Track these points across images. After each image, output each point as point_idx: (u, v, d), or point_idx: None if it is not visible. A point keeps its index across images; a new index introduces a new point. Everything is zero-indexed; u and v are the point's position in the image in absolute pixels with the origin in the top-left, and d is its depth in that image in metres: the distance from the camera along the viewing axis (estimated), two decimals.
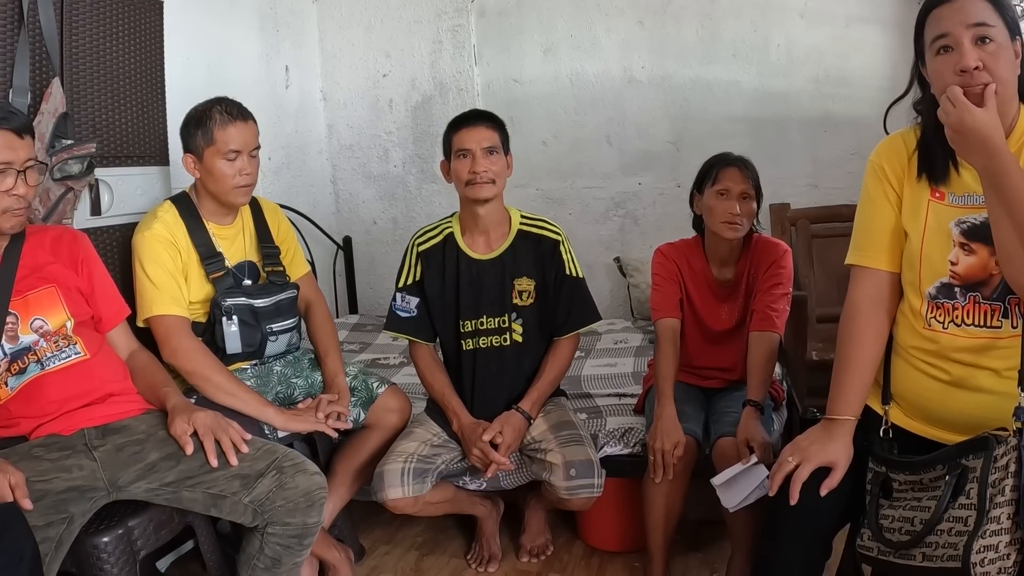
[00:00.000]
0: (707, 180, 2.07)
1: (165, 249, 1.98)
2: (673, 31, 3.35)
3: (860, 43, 3.09)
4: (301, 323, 2.26)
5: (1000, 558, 1.20)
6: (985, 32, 1.28)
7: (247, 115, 2.04)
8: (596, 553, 2.33)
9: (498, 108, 2.97)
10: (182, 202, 2.09)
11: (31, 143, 1.60)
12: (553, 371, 2.15)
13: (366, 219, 3.90)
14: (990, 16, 1.29)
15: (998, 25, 1.29)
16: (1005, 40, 1.30)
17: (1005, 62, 1.29)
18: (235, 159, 2.00)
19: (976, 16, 1.29)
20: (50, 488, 1.49)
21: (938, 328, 1.42)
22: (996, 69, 1.28)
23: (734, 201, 2.00)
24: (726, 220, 2.02)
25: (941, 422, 1.44)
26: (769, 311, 2.03)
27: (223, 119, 1.99)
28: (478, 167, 2.02)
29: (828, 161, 3.19)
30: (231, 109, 2.01)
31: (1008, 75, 1.30)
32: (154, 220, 2.02)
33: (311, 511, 1.65)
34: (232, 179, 2.01)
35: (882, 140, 1.53)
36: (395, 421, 2.18)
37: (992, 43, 1.28)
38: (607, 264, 3.55)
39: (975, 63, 1.27)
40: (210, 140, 1.99)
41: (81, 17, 2.06)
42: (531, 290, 2.13)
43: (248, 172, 2.03)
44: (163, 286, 1.96)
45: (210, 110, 2.00)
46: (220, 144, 1.98)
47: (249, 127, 2.03)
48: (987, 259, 1.36)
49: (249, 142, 2.03)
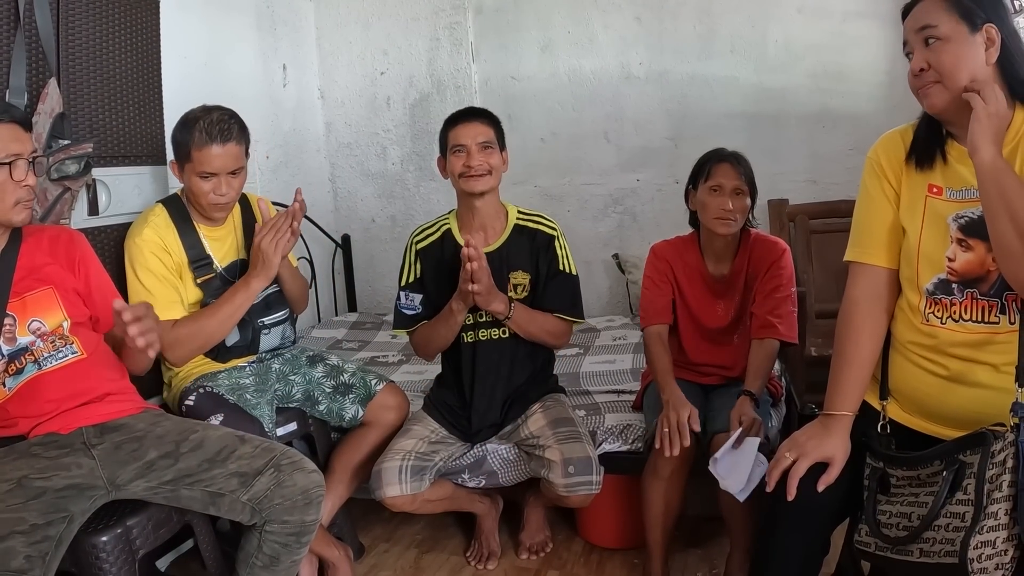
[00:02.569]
0: (700, 176, 2.08)
1: (155, 254, 2.00)
2: (671, 27, 3.35)
3: (857, 38, 3.09)
4: (294, 317, 2.28)
5: (997, 554, 1.20)
6: (928, 34, 1.37)
7: (228, 136, 1.98)
8: (595, 550, 2.34)
9: (496, 105, 2.97)
10: (173, 205, 2.10)
11: (32, 139, 1.62)
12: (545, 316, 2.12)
13: (364, 217, 3.90)
14: (935, 16, 1.36)
15: (944, 23, 1.35)
16: (957, 34, 1.35)
17: (952, 55, 1.34)
18: (210, 179, 1.99)
19: (921, 20, 1.38)
20: (49, 486, 1.49)
21: (936, 323, 1.42)
22: (939, 64, 1.35)
23: (727, 197, 2.01)
24: (719, 216, 2.02)
25: (939, 417, 1.44)
26: (771, 318, 2.03)
27: (201, 140, 1.96)
28: (473, 161, 2.04)
29: (826, 156, 3.19)
30: (212, 129, 1.96)
31: (954, 67, 1.34)
32: (144, 225, 2.03)
33: (309, 509, 1.66)
34: (206, 197, 2.01)
35: (880, 136, 1.54)
36: (393, 418, 2.18)
37: (936, 41, 1.35)
38: (605, 261, 3.55)
39: (920, 66, 1.37)
40: (188, 157, 1.99)
41: (77, 17, 2.06)
42: (526, 284, 2.14)
43: (223, 193, 2.01)
44: (157, 292, 1.98)
45: (193, 127, 1.97)
46: (196, 164, 1.98)
47: (227, 150, 1.98)
48: (984, 255, 1.37)
49: (227, 164, 1.99)
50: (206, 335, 2.01)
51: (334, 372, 2.21)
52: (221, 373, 2.09)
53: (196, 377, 2.07)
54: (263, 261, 1.98)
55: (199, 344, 2.02)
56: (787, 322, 2.04)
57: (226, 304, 2.00)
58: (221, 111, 2.02)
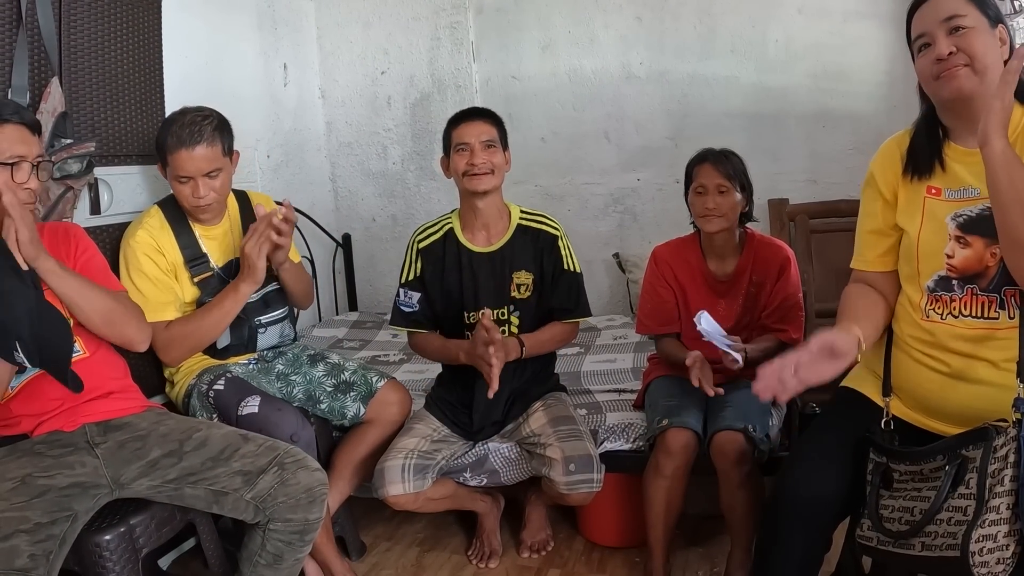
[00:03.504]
0: (688, 180, 2.14)
1: (148, 256, 2.01)
2: (671, 27, 3.35)
3: (858, 38, 3.09)
4: (292, 315, 2.29)
5: (999, 548, 1.21)
6: (957, 23, 1.37)
7: (198, 139, 1.96)
8: (597, 548, 2.34)
9: (496, 105, 2.97)
10: (169, 205, 2.11)
11: (40, 142, 1.61)
12: (551, 330, 2.16)
13: (365, 216, 3.90)
14: (961, 7, 1.37)
15: (970, 14, 1.36)
16: (981, 25, 1.37)
17: (981, 42, 1.36)
18: (187, 183, 2.00)
19: (947, 11, 1.37)
20: (53, 484, 1.50)
21: (936, 319, 1.44)
22: (970, 48, 1.35)
23: (709, 196, 2.06)
24: (702, 214, 2.08)
25: (941, 414, 1.45)
26: (782, 325, 2.07)
27: (173, 143, 1.96)
28: (476, 159, 2.05)
29: (826, 156, 3.19)
30: (181, 133, 1.95)
31: (983, 52, 1.36)
32: (139, 227, 2.04)
33: (312, 507, 1.66)
34: (187, 200, 2.02)
35: (880, 147, 1.58)
36: (395, 414, 2.19)
37: (965, 30, 1.36)
38: (606, 260, 3.55)
39: (948, 50, 1.36)
40: (165, 161, 2.00)
41: (79, 16, 2.06)
42: (529, 283, 2.14)
43: (200, 195, 2.00)
44: (149, 294, 1.99)
45: (167, 130, 1.98)
46: (171, 168, 1.99)
47: (198, 153, 1.96)
48: (982, 251, 1.38)
49: (201, 167, 1.97)
50: (197, 338, 2.02)
51: (335, 371, 2.21)
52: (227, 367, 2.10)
53: (199, 372, 2.07)
54: (248, 266, 1.98)
55: (192, 345, 2.04)
56: (795, 325, 2.08)
57: (216, 308, 2.01)
58: (196, 112, 2.01)
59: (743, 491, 1.90)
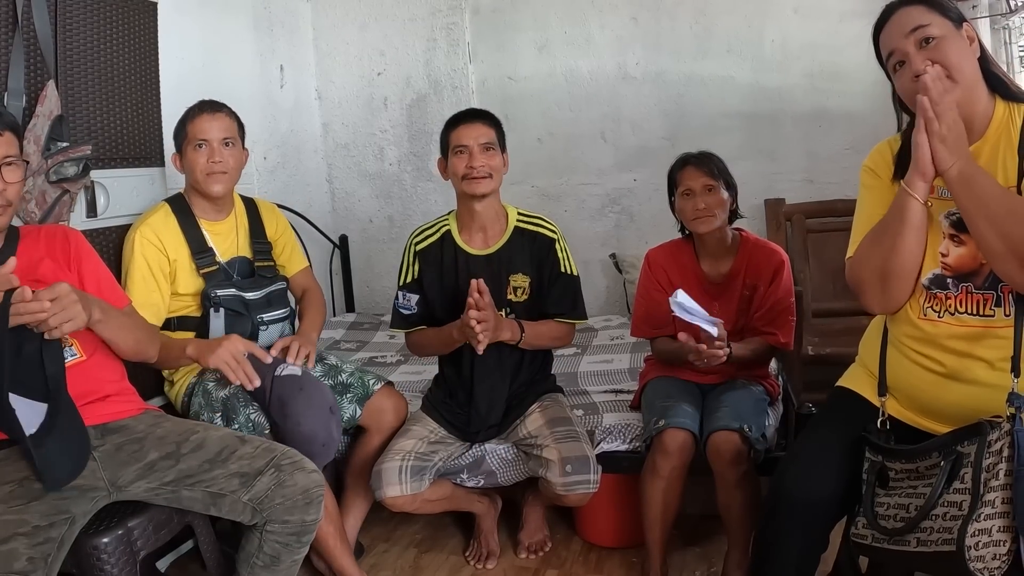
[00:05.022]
0: (673, 186, 2.15)
1: (146, 253, 2.03)
2: (667, 27, 3.36)
3: (854, 38, 3.08)
4: (294, 316, 2.29)
5: (994, 543, 1.21)
6: (924, 34, 1.37)
7: (218, 108, 2.10)
8: (594, 549, 2.34)
9: (493, 105, 2.97)
10: (176, 202, 2.14)
11: (13, 140, 1.59)
12: (549, 325, 2.15)
13: (362, 217, 3.90)
14: (924, 17, 1.37)
15: (934, 21, 1.37)
16: (949, 31, 1.37)
17: (955, 51, 1.36)
18: (204, 148, 2.06)
19: (911, 22, 1.38)
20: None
21: (933, 317, 1.44)
22: (945, 60, 1.35)
23: (698, 197, 2.06)
24: (694, 216, 2.08)
25: (936, 414, 1.45)
26: (772, 328, 2.07)
27: (193, 112, 2.08)
28: (475, 162, 2.05)
29: (823, 156, 3.20)
30: (205, 104, 2.09)
31: (959, 61, 1.36)
32: (143, 222, 2.07)
33: (309, 509, 1.66)
34: (202, 166, 2.06)
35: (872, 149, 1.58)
36: (391, 420, 2.19)
37: (934, 39, 1.37)
38: (603, 260, 3.55)
39: (923, 65, 1.35)
40: (184, 134, 2.08)
41: (75, 19, 2.07)
42: (526, 286, 2.14)
43: (218, 160, 2.07)
44: (138, 293, 2.00)
45: (188, 111, 2.10)
46: (191, 135, 2.06)
47: (218, 118, 2.08)
48: (976, 250, 1.39)
49: (219, 132, 2.07)
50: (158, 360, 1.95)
51: (332, 372, 2.21)
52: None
53: (200, 370, 2.07)
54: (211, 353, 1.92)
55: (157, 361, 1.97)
56: (785, 329, 2.08)
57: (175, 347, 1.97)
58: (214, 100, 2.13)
59: (739, 491, 1.91)
